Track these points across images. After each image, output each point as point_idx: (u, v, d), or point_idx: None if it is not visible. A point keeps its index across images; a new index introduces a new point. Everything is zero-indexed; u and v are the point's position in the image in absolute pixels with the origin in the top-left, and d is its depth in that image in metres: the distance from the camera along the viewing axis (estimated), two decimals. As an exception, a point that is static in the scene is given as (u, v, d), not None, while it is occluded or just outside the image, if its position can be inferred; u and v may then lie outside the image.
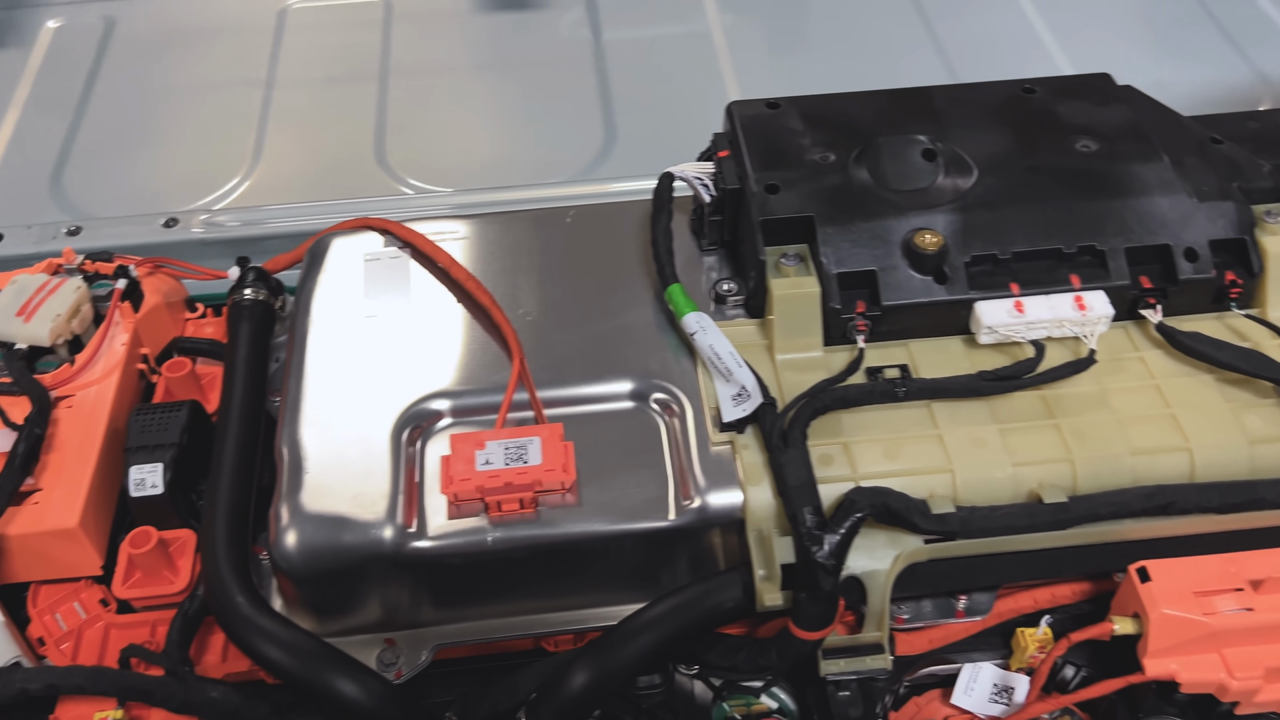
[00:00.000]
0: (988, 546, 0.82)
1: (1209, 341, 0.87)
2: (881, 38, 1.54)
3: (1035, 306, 0.88)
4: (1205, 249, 0.89)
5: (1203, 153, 0.96)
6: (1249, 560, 0.81)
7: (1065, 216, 0.90)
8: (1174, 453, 0.83)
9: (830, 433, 0.84)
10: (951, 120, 0.98)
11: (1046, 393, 0.86)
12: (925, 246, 0.88)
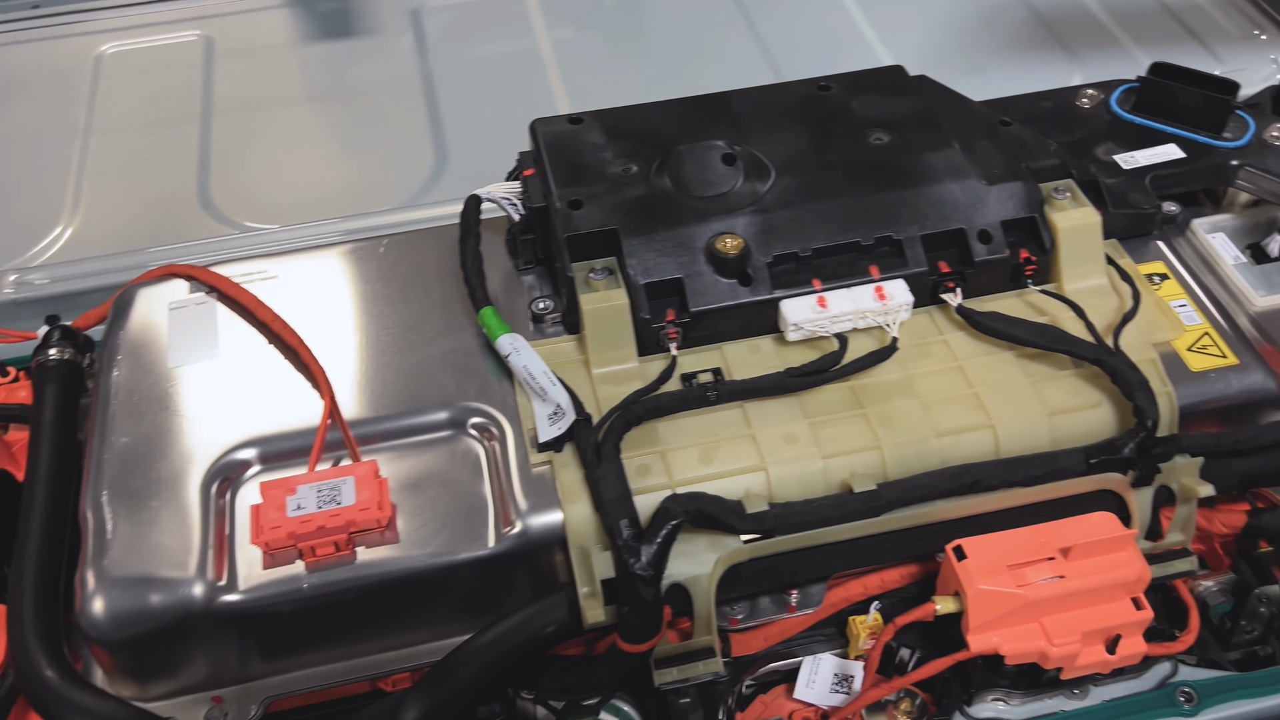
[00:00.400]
0: (807, 540, 0.83)
1: (1006, 320, 0.89)
2: (711, 45, 1.56)
3: (838, 300, 0.89)
4: (998, 230, 0.92)
5: (992, 136, 0.98)
6: (1057, 529, 0.84)
7: (862, 209, 0.92)
8: (978, 431, 0.85)
9: (647, 442, 0.85)
10: (750, 123, 0.99)
11: (855, 383, 0.88)
12: (726, 250, 0.88)
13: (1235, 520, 0.89)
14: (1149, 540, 0.88)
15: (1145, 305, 0.92)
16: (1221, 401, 0.89)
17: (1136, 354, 0.88)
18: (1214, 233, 1.02)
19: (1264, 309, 0.96)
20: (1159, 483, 0.85)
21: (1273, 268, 1.00)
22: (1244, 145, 1.02)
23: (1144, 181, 1.00)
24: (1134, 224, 0.99)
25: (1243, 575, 0.90)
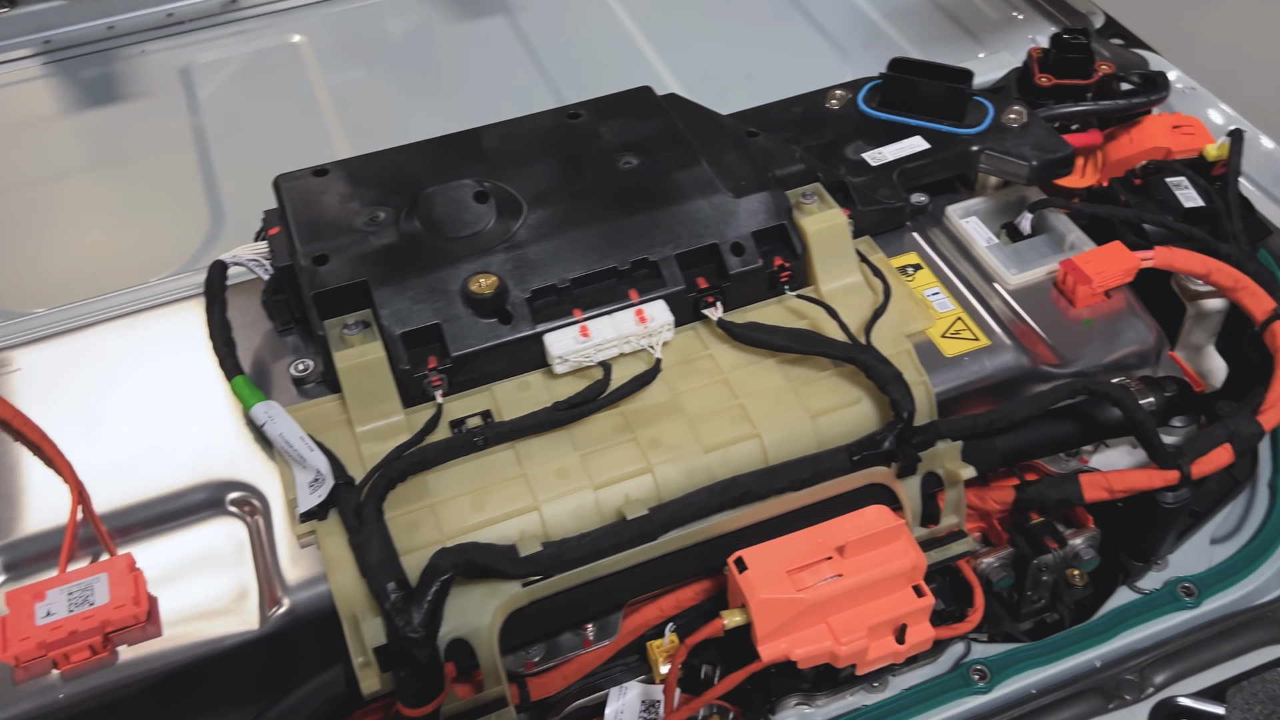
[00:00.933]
0: (590, 573, 0.82)
1: (763, 328, 0.90)
2: (495, 76, 1.55)
3: (600, 328, 0.89)
4: (750, 241, 0.93)
5: (739, 149, 1.00)
6: (832, 528, 0.85)
7: (616, 235, 0.92)
8: (745, 441, 0.86)
9: (416, 497, 0.83)
10: (501, 159, 0.98)
11: (625, 409, 0.88)
12: (481, 290, 0.87)
13: (1006, 496, 0.92)
14: (925, 527, 0.90)
15: (898, 297, 0.94)
16: (978, 383, 0.92)
17: (890, 347, 0.90)
18: (967, 217, 1.06)
19: (1017, 286, 1.00)
20: (924, 470, 0.87)
21: (1025, 245, 1.04)
22: (984, 130, 1.06)
23: (892, 176, 1.02)
24: (886, 218, 1.02)
25: (1020, 548, 0.93)
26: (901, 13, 1.61)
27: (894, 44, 1.56)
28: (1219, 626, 0.92)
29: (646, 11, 1.64)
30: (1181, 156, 1.14)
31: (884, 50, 1.55)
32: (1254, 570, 0.95)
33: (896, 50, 1.55)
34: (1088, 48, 1.15)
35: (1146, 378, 0.94)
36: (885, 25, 1.60)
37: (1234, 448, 0.88)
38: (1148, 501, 0.90)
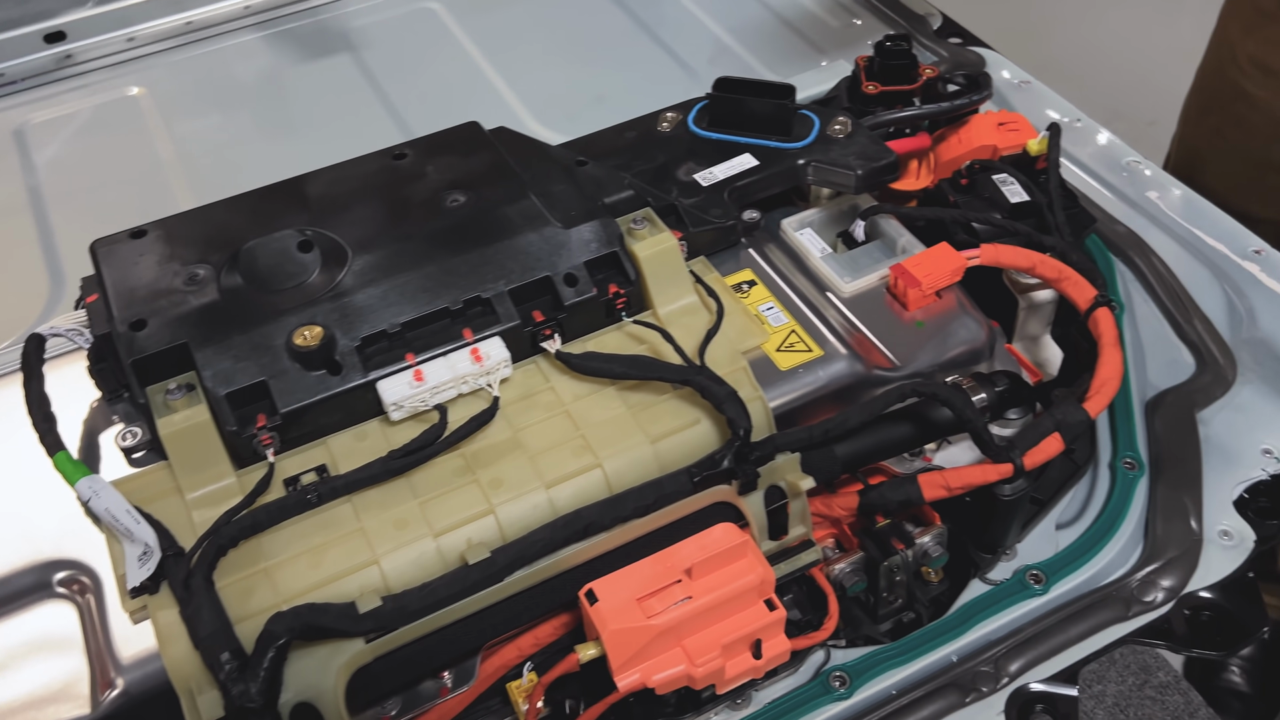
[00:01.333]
0: (437, 621, 0.81)
1: (600, 357, 0.90)
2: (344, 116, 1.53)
3: (435, 370, 0.88)
4: (582, 271, 0.93)
5: (569, 179, 1.00)
6: (680, 551, 0.85)
7: (446, 275, 0.91)
8: (588, 472, 0.85)
9: (249, 562, 0.81)
10: (326, 206, 0.97)
11: (466, 450, 0.87)
12: (306, 343, 0.86)
13: (850, 502, 0.93)
14: (774, 540, 0.91)
15: (732, 315, 0.95)
16: (815, 393, 0.94)
17: (726, 365, 0.90)
18: (801, 229, 1.07)
19: (851, 294, 1.02)
20: (767, 484, 0.88)
21: (859, 252, 1.06)
22: (810, 143, 1.07)
23: (723, 195, 1.04)
24: (720, 237, 1.03)
25: (870, 552, 0.94)
26: (745, 29, 1.63)
27: (739, 59, 1.58)
28: (1068, 610, 0.94)
29: (493, 40, 1.64)
30: (1008, 153, 1.17)
31: (729, 66, 1.57)
32: (1098, 552, 0.98)
33: (742, 65, 1.57)
34: (909, 53, 1.18)
35: (978, 374, 0.96)
36: (730, 41, 1.62)
37: (1063, 436, 0.91)
38: (988, 495, 0.92)
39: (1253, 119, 1.52)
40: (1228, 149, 1.58)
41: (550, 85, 1.55)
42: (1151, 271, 1.22)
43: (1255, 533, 0.99)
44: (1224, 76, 1.55)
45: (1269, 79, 1.47)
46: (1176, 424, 1.06)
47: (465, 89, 1.55)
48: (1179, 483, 1.02)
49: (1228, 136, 1.57)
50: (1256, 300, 1.19)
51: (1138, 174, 1.35)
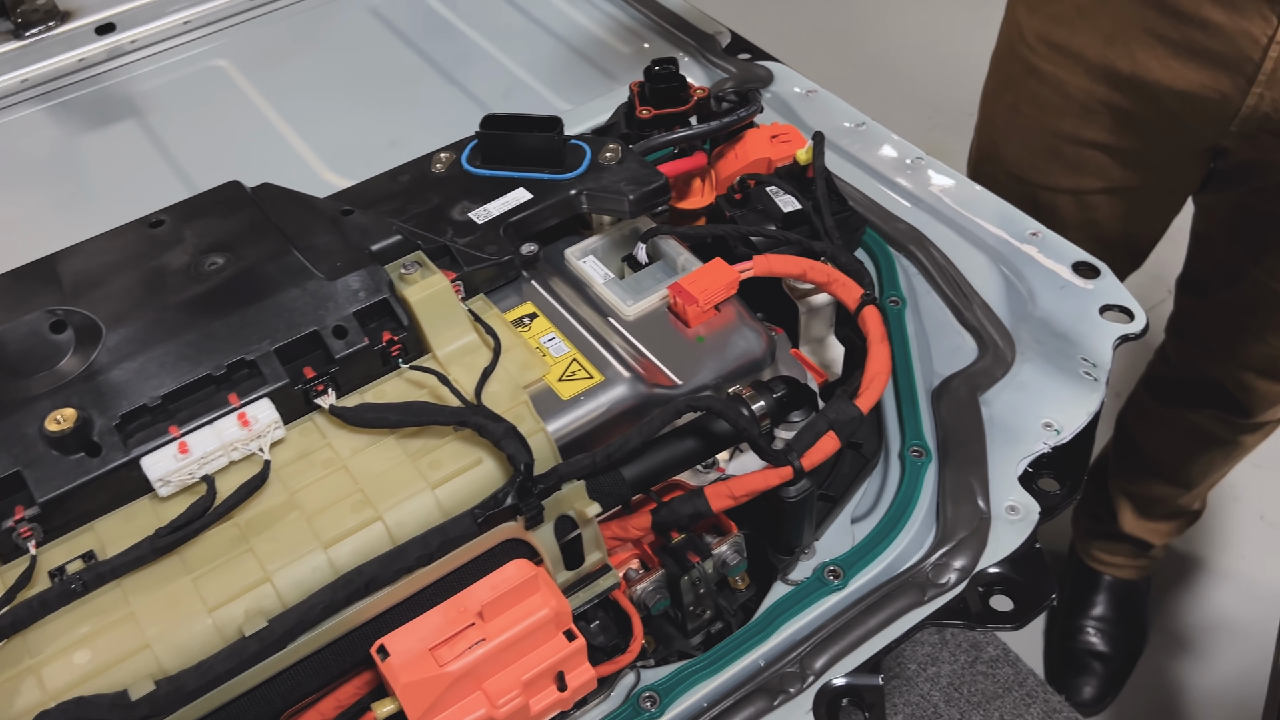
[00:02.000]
0: (221, 698, 0.78)
1: (374, 408, 0.89)
2: (132, 182, 1.48)
3: (201, 441, 0.86)
4: (352, 321, 0.92)
5: (334, 230, 0.99)
6: (471, 594, 0.85)
7: (208, 341, 0.89)
8: (367, 527, 0.84)
9: (13, 661, 0.77)
10: (81, 282, 0.94)
11: (239, 519, 0.85)
12: (59, 428, 0.83)
13: (644, 521, 0.95)
14: (571, 570, 0.91)
15: (512, 350, 0.96)
16: (599, 419, 0.94)
17: (507, 401, 0.91)
18: (584, 257, 1.08)
19: (635, 316, 1.03)
20: (555, 515, 0.88)
21: (642, 274, 1.08)
22: (582, 173, 1.09)
23: (499, 231, 1.04)
24: (499, 273, 1.03)
25: (669, 568, 0.95)
26: (538, 61, 1.65)
27: (534, 92, 1.59)
28: (866, 602, 0.97)
29: (284, 93, 1.61)
30: (781, 164, 1.21)
31: (524, 99, 1.58)
32: (891, 541, 1.01)
33: (536, 98, 1.58)
34: (677, 76, 1.21)
35: (757, 382, 0.99)
36: (524, 75, 1.63)
37: (838, 434, 0.94)
38: (776, 498, 0.94)
39: (1044, 94, 1.60)
40: (1025, 125, 1.66)
41: (344, 134, 1.53)
42: (932, 264, 1.27)
43: (1040, 504, 1.03)
44: (1015, 55, 1.63)
45: (1055, 53, 1.55)
46: (960, 408, 1.11)
47: (258, 146, 1.53)
48: (965, 465, 1.06)
49: (1024, 112, 1.64)
50: (1035, 281, 1.25)
51: (921, 171, 1.41)
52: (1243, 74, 1.38)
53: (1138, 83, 1.47)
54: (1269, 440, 2.06)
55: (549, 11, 1.76)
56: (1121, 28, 1.45)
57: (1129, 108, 1.51)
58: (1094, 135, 1.57)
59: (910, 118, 3.49)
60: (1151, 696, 2.29)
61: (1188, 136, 1.51)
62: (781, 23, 3.91)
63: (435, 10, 1.77)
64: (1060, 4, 1.52)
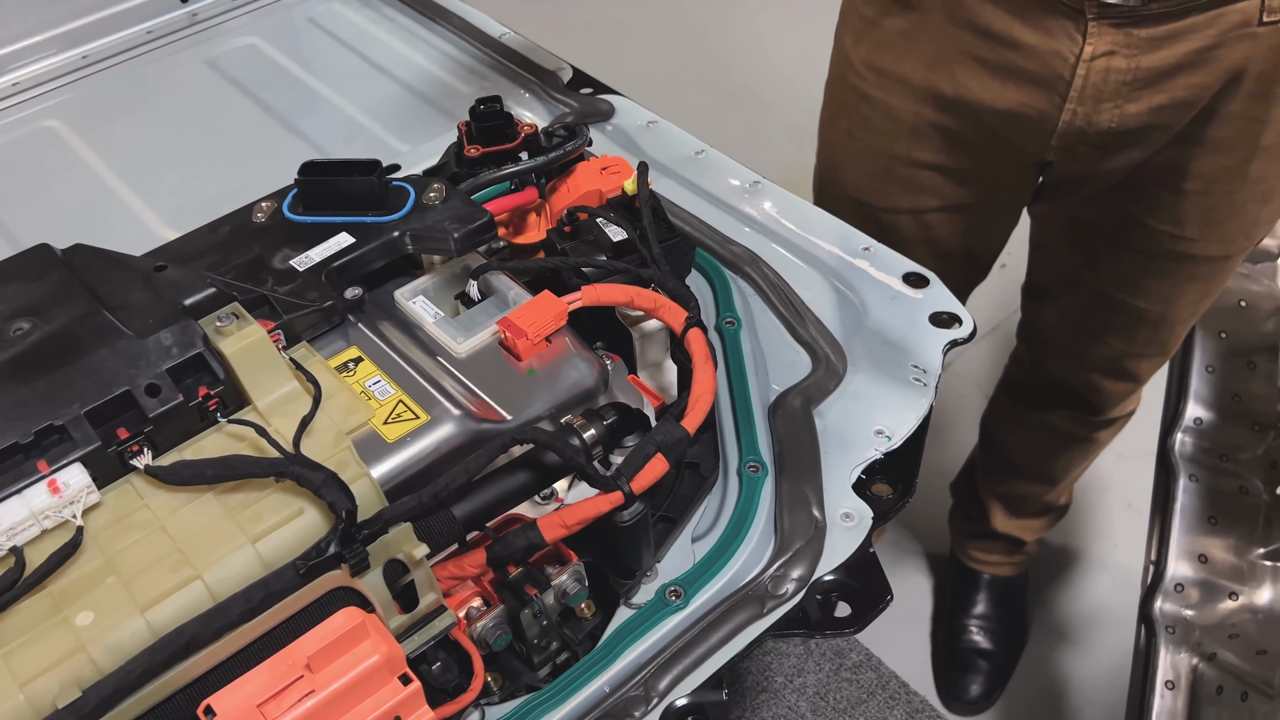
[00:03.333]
0: (38, 777, 0.76)
1: (190, 464, 0.88)
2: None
3: (8, 511, 0.83)
4: (165, 379, 0.90)
5: (147, 287, 0.98)
6: (299, 646, 0.83)
7: (14, 408, 0.87)
8: (186, 587, 0.83)
9: None
10: (-125, 357, 0.91)
11: (53, 589, 0.82)
12: None
13: (479, 559, 0.95)
14: (407, 614, 0.91)
15: (335, 395, 0.95)
16: (427, 460, 0.95)
17: (330, 448, 0.90)
18: (414, 298, 1.09)
19: (466, 354, 1.04)
20: (384, 559, 0.88)
21: (474, 311, 1.08)
22: (406, 214, 1.09)
23: (320, 277, 1.04)
24: (322, 319, 1.03)
25: (508, 603, 0.96)
26: (378, 105, 1.65)
27: (374, 135, 1.59)
28: (708, 619, 0.98)
29: (120, 151, 1.58)
30: (612, 195, 1.23)
31: (364, 144, 1.58)
32: (730, 557, 1.03)
33: (376, 141, 1.59)
34: (502, 113, 1.22)
35: (588, 410, 1.00)
36: (364, 119, 1.63)
37: (666, 455, 0.95)
38: (612, 524, 0.95)
39: (876, 118, 1.65)
40: (861, 150, 1.71)
41: (182, 188, 1.51)
42: (767, 284, 1.30)
43: (873, 509, 1.06)
44: (846, 82, 1.68)
45: (882, 79, 1.60)
46: (795, 421, 1.13)
47: (92, 206, 1.50)
48: (800, 476, 1.08)
49: (859, 137, 1.70)
50: (868, 294, 1.29)
51: (758, 194, 1.45)
52: (1056, 91, 1.45)
53: (961, 104, 1.53)
54: (1133, 430, 2.15)
55: (389, 55, 1.76)
56: (942, 51, 1.52)
57: (956, 128, 1.58)
58: (926, 156, 1.63)
59: (779, 142, 3.58)
60: (1037, 688, 2.36)
61: (1013, 153, 1.58)
62: (650, 57, 3.98)
63: (273, 59, 1.76)
64: (883, 31, 1.58)
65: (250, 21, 1.84)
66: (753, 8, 4.23)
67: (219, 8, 1.84)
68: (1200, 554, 1.71)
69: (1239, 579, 1.67)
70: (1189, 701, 1.59)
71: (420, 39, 1.80)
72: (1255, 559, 1.67)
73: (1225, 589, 1.67)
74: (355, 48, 1.79)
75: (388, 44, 1.79)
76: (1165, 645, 1.64)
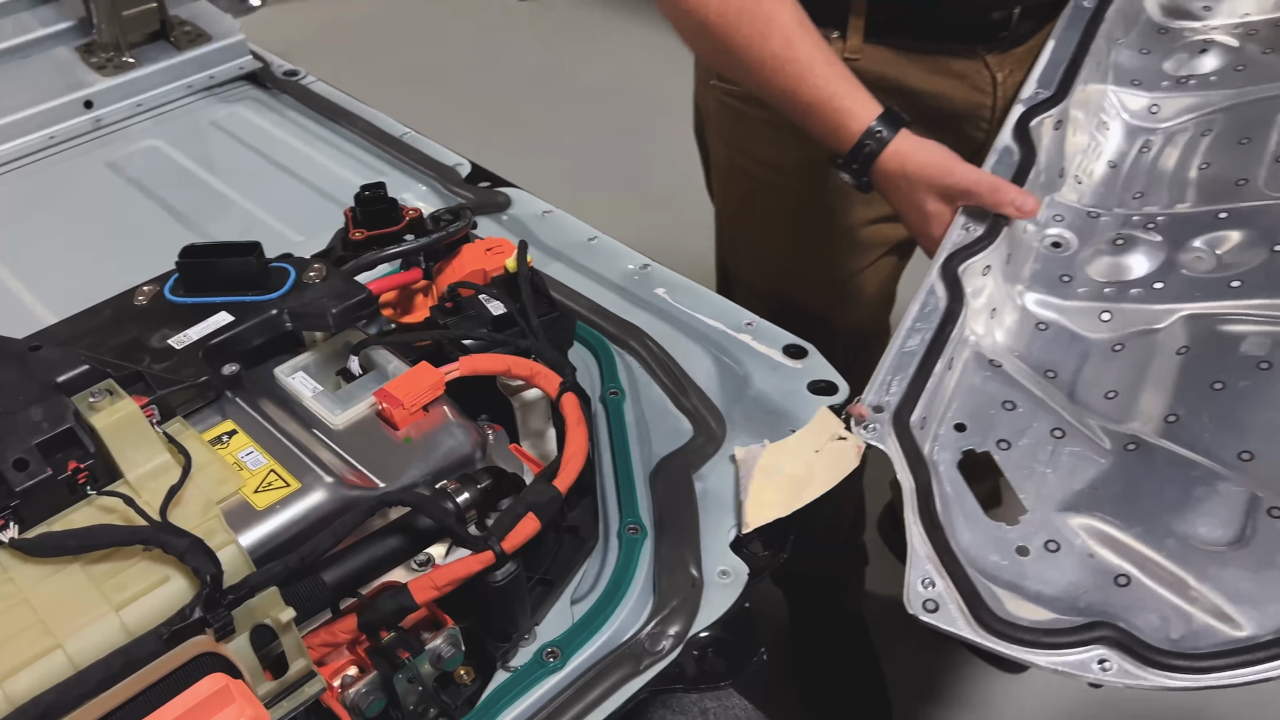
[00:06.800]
0: None
1: (55, 536, 0.88)
2: None
3: None
4: (34, 453, 0.91)
5: (19, 366, 0.99)
6: (160, 714, 0.83)
7: (-127, 486, 0.87)
8: (47, 655, 0.82)
9: None
10: None
11: (-94, 667, 0.82)
12: None
13: (351, 624, 0.95)
14: (276, 679, 0.91)
15: (206, 467, 0.96)
16: (296, 526, 0.96)
17: (198, 517, 0.91)
18: (293, 374, 1.11)
19: (343, 425, 1.06)
20: (250, 625, 0.88)
21: (353, 385, 1.11)
22: (285, 293, 1.12)
23: (197, 355, 1.06)
24: (197, 395, 1.05)
25: (381, 668, 0.96)
26: (278, 202, 1.69)
27: (272, 229, 1.63)
28: (585, 679, 0.99)
29: (12, 249, 1.60)
30: (495, 274, 1.27)
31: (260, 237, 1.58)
32: (609, 617, 1.04)
33: (274, 236, 1.61)
34: (386, 198, 1.27)
35: (463, 475, 1.02)
36: (262, 215, 1.66)
37: (537, 515, 0.97)
38: (485, 585, 0.96)
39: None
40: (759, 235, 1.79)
41: (74, 281, 1.52)
42: (651, 356, 1.34)
43: (749, 566, 1.09)
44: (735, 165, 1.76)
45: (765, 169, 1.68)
46: (674, 485, 1.16)
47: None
48: (679, 538, 1.11)
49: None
50: (750, 365, 1.34)
51: (647, 277, 1.50)
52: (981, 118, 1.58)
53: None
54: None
55: (291, 154, 1.81)
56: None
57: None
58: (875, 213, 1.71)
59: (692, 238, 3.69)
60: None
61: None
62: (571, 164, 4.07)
63: (175, 160, 1.80)
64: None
65: (153, 125, 1.88)
66: (676, 115, 4.39)
67: (123, 113, 1.88)
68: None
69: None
70: None
71: (322, 139, 1.85)
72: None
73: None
74: (258, 148, 1.83)
75: (290, 144, 1.84)
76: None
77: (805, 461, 1.16)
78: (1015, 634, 0.98)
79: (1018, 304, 1.38)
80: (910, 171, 1.33)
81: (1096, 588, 1.05)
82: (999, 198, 1.31)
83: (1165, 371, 1.26)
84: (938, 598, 1.02)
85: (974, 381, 1.28)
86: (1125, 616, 1.00)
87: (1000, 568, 1.08)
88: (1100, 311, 1.35)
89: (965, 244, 1.33)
